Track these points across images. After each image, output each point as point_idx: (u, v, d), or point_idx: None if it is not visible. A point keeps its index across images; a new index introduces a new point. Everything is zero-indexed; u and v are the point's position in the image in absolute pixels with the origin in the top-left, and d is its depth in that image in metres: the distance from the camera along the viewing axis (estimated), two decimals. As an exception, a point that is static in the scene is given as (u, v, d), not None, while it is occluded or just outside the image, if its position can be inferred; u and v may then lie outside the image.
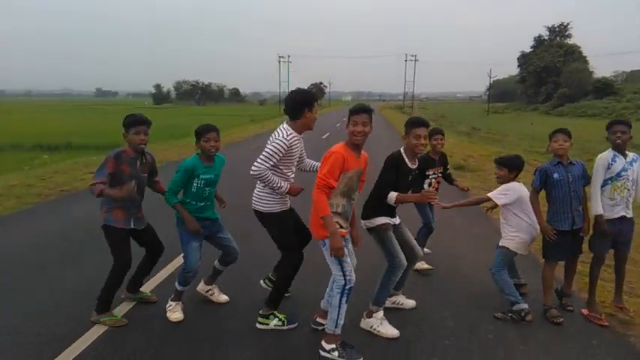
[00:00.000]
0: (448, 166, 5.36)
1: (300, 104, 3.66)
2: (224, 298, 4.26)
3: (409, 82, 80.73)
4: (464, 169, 12.12)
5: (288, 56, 76.20)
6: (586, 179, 4.08)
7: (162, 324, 3.82)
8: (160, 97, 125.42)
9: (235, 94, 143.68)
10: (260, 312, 3.82)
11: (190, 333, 3.70)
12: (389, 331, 3.69)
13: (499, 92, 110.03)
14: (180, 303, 4.00)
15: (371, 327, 3.75)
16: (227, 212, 4.45)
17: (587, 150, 22.59)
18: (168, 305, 3.97)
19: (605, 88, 60.81)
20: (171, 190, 3.89)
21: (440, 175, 5.12)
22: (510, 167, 4.28)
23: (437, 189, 4.91)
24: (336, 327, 3.35)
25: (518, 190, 4.17)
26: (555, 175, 4.01)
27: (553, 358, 3.43)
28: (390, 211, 3.76)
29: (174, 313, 3.92)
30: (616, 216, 3.97)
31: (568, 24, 78.39)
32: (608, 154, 4.02)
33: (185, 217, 3.85)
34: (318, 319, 3.73)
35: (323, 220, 3.21)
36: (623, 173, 3.95)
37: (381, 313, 3.79)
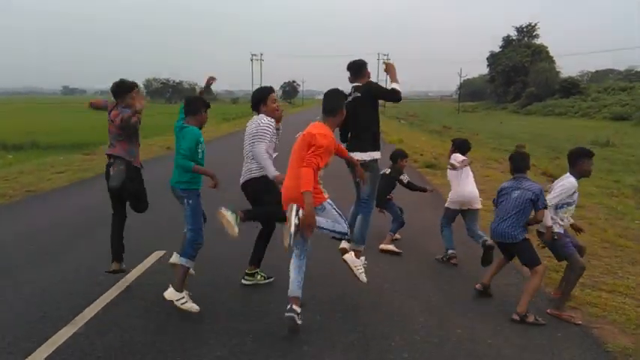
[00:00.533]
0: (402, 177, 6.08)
1: (257, 100, 4.49)
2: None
3: (381, 81, 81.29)
4: (435, 167, 12.29)
5: (261, 54, 75.85)
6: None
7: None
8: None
9: (207, 92, 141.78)
10: (246, 270, 4.53)
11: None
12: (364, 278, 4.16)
13: (469, 91, 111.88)
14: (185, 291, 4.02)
15: (355, 266, 4.16)
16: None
17: (554, 148, 23.26)
18: (178, 300, 3.91)
19: (571, 87, 62.46)
20: (185, 155, 3.97)
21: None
22: (459, 148, 5.60)
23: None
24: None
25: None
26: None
27: (519, 351, 3.52)
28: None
29: (189, 303, 3.94)
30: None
31: (536, 24, 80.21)
32: (574, 181, 4.20)
33: (208, 173, 4.12)
34: (293, 307, 3.64)
35: (304, 195, 3.41)
36: (575, 201, 4.33)
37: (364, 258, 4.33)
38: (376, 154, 4.52)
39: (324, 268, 5.00)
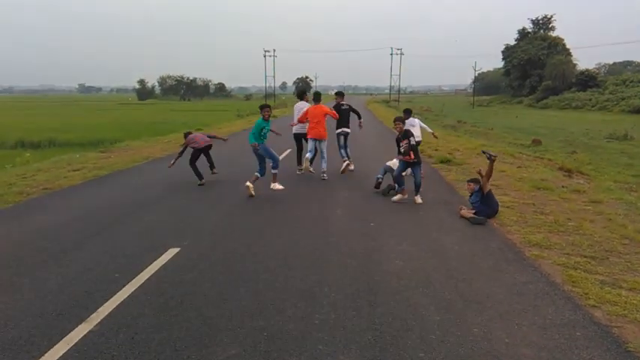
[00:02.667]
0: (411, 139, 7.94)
1: (301, 93, 11.44)
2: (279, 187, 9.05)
3: (395, 76, 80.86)
4: (450, 162, 12.15)
5: (274, 50, 75.92)
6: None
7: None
8: (144, 92, 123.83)
9: (221, 89, 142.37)
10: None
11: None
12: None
13: (484, 85, 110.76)
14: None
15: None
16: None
17: (571, 142, 22.90)
18: (273, 185, 8.94)
19: (588, 80, 61.47)
20: (252, 134, 8.60)
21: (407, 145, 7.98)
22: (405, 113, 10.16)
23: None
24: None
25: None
26: None
27: (537, 350, 3.45)
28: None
29: (278, 185, 8.97)
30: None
31: (552, 17, 78.99)
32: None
33: (254, 145, 8.59)
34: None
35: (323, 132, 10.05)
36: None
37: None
38: (348, 130, 10.82)
39: (335, 265, 4.99)
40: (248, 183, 8.28)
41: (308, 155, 10.41)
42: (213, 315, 3.92)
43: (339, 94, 11.30)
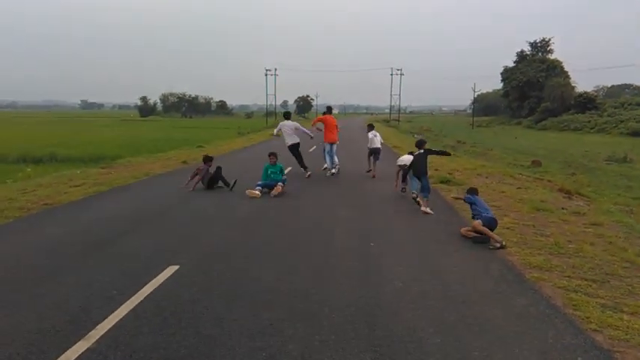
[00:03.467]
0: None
1: (288, 115, 13.36)
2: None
3: (395, 96, 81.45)
4: (450, 182, 12.17)
5: (275, 69, 76.45)
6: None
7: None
8: (146, 109, 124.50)
9: (222, 106, 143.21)
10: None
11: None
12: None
13: (483, 106, 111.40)
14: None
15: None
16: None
17: (570, 164, 22.97)
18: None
19: (586, 102, 61.86)
20: (263, 175, 10.53)
21: None
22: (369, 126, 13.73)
23: None
24: None
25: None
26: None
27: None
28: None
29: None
30: None
31: (550, 40, 79.87)
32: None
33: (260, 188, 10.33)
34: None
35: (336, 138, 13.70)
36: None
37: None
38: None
39: (336, 285, 4.98)
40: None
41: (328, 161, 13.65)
42: (211, 334, 3.89)
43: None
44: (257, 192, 9.81)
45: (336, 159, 13.57)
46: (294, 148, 12.80)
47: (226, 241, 6.76)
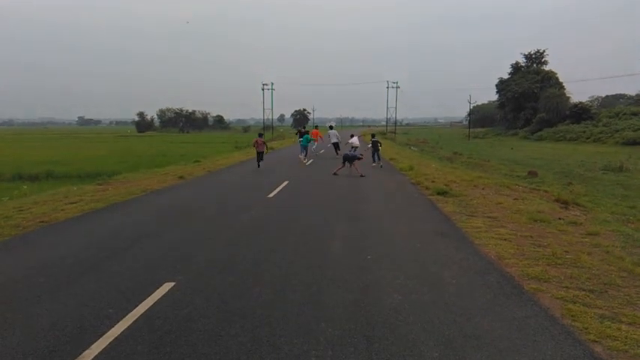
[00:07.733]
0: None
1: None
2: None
3: (391, 108, 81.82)
4: (446, 194, 12.18)
5: (272, 83, 76.79)
6: None
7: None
8: (143, 125, 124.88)
9: (219, 121, 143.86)
10: None
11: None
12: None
13: (479, 117, 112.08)
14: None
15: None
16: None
17: (566, 174, 23.04)
18: (308, 162, 21.62)
19: (581, 113, 62.24)
20: (306, 139, 23.27)
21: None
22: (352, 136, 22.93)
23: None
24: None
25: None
26: None
27: None
28: None
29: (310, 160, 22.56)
30: None
31: (544, 51, 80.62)
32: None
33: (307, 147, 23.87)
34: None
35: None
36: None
37: None
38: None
39: (332, 300, 4.95)
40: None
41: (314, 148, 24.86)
42: (208, 352, 3.86)
43: (315, 127, 26.20)
44: (301, 157, 21.45)
45: (313, 149, 26.62)
46: (335, 144, 25.46)
47: (223, 256, 6.73)
